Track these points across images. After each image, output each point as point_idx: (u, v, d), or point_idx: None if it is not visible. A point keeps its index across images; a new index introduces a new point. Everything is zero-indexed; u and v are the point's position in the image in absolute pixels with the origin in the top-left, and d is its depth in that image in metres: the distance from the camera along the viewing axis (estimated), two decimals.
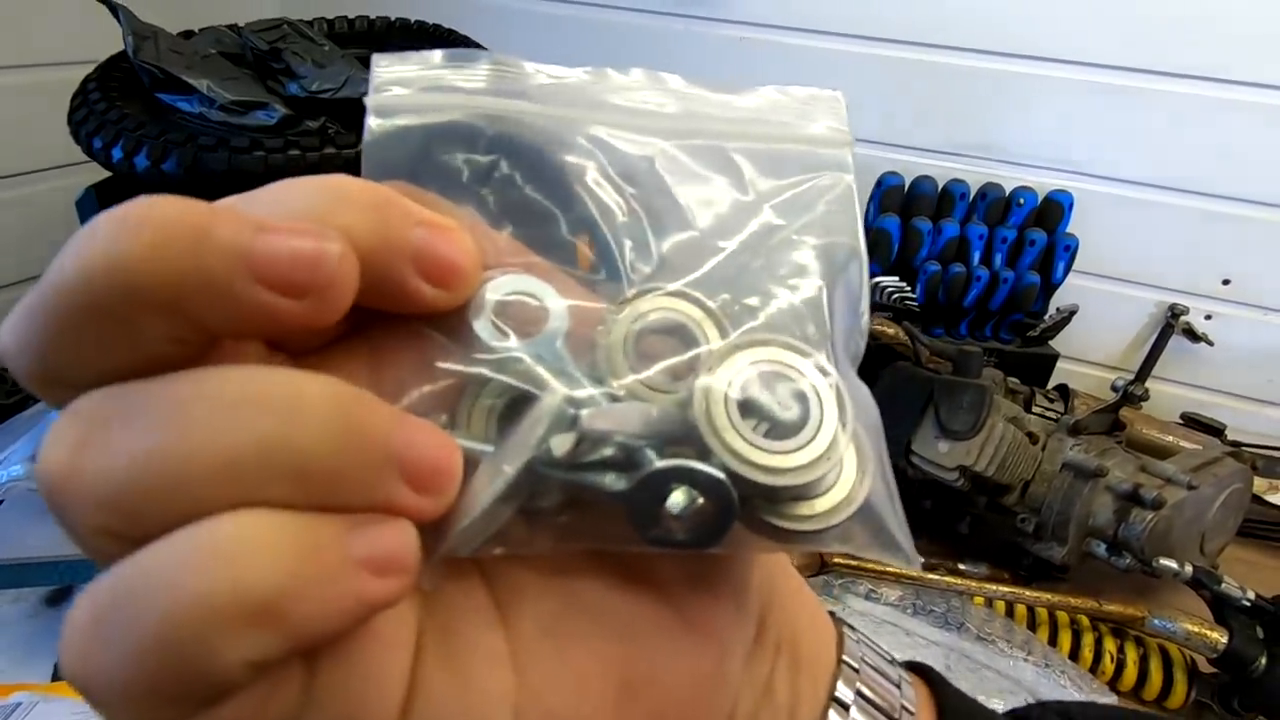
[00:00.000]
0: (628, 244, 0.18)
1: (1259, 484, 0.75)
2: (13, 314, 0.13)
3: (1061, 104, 0.90)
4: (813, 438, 0.16)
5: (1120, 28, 0.85)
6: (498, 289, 0.16)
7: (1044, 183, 0.91)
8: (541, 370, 0.15)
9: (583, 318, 0.16)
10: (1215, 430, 0.83)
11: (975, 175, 0.93)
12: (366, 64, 0.18)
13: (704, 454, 0.15)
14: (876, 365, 0.74)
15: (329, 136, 0.58)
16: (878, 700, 0.21)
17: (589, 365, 0.16)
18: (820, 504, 0.16)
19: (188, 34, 0.71)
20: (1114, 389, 0.73)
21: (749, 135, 0.19)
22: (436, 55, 0.18)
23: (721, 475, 0.15)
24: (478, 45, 0.80)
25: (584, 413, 0.15)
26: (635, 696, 0.17)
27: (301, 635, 0.12)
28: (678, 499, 0.15)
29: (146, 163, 0.54)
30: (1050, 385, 0.85)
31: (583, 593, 0.17)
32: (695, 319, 0.17)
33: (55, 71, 0.85)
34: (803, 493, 0.16)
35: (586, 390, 0.16)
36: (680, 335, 0.17)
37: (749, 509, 0.16)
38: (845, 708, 0.20)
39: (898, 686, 0.22)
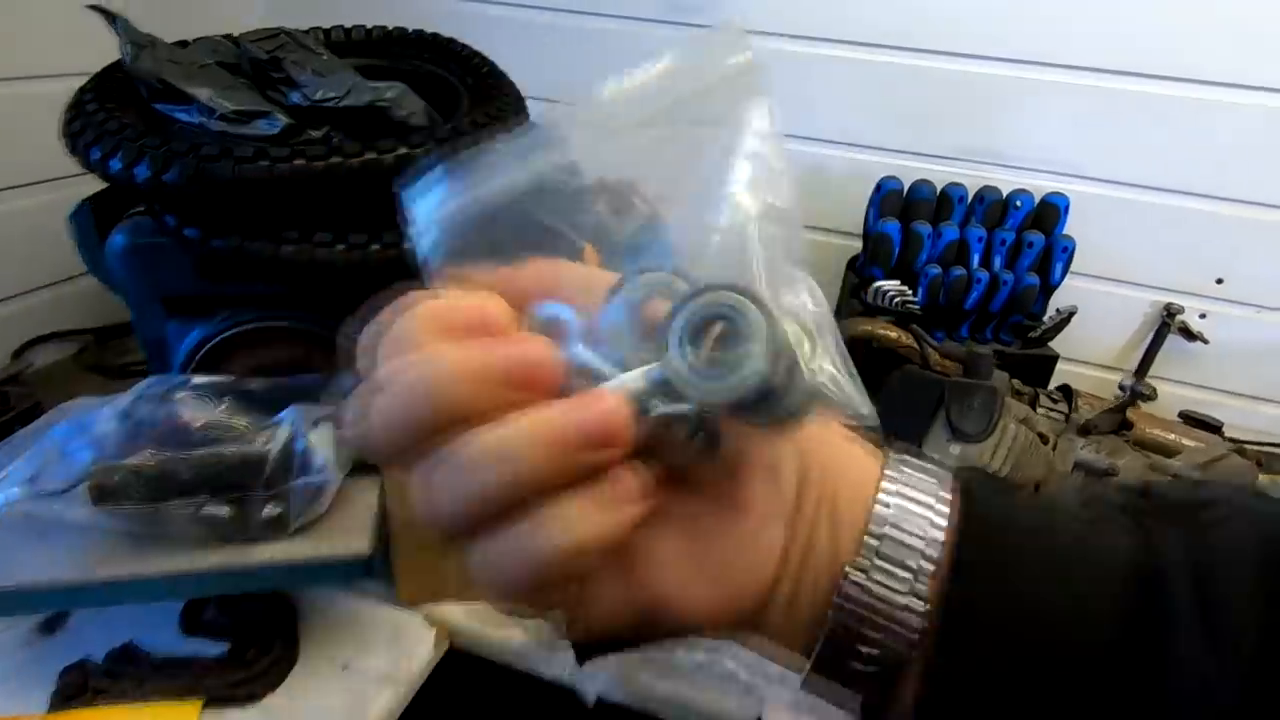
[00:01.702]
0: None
1: (1262, 480, 0.76)
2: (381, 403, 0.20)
3: (1056, 108, 0.91)
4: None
5: (1114, 32, 0.86)
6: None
7: (1040, 185, 0.92)
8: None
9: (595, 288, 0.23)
10: (1213, 427, 0.84)
11: (972, 179, 0.94)
12: (367, 73, 0.20)
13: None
14: (883, 369, 0.74)
15: (334, 145, 0.56)
16: (904, 539, 0.23)
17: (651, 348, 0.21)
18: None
19: (181, 44, 0.70)
20: (1121, 389, 0.74)
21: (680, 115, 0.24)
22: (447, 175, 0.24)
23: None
24: (474, 53, 0.79)
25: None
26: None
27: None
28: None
29: (148, 173, 0.53)
30: (1050, 386, 0.86)
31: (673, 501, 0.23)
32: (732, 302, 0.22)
33: (42, 84, 0.84)
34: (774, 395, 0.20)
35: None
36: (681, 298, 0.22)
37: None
38: (874, 548, 0.23)
39: (929, 515, 0.24)
